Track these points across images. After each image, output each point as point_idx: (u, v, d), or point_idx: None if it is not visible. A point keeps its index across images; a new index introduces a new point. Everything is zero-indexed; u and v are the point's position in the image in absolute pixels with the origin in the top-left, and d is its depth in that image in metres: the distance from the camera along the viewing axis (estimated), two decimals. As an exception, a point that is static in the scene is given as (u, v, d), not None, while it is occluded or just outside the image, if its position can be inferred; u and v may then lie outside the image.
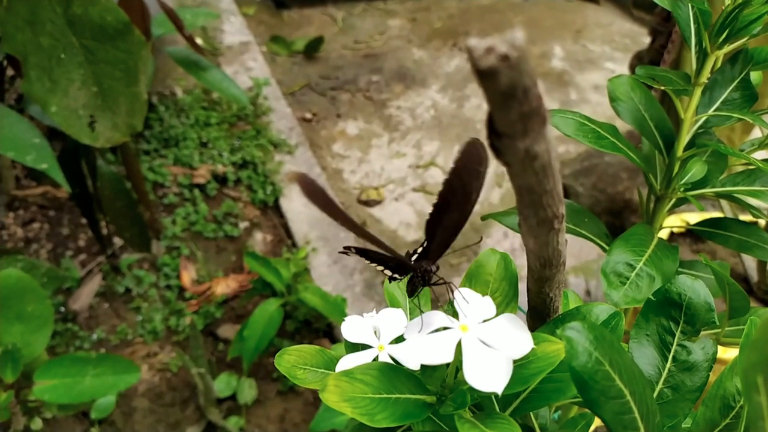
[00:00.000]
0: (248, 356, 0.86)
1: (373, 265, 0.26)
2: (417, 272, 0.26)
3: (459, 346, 0.22)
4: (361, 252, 0.26)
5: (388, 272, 0.26)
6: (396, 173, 1.30)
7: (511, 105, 0.13)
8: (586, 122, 0.39)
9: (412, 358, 0.24)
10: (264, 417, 0.89)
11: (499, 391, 0.20)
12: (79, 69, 0.68)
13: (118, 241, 1.06)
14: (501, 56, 0.12)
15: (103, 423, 0.88)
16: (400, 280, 0.27)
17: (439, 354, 0.21)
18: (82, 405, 0.84)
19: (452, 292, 0.25)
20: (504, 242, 1.13)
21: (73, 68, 0.68)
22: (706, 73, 0.40)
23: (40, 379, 0.67)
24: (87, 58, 0.68)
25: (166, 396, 0.91)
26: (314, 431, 0.72)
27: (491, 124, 0.15)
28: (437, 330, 0.23)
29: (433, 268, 0.25)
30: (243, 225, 1.14)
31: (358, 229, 0.23)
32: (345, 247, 0.26)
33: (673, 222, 0.83)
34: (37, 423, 0.85)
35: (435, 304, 0.30)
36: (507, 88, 0.13)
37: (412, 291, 0.26)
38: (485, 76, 0.12)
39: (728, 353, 0.60)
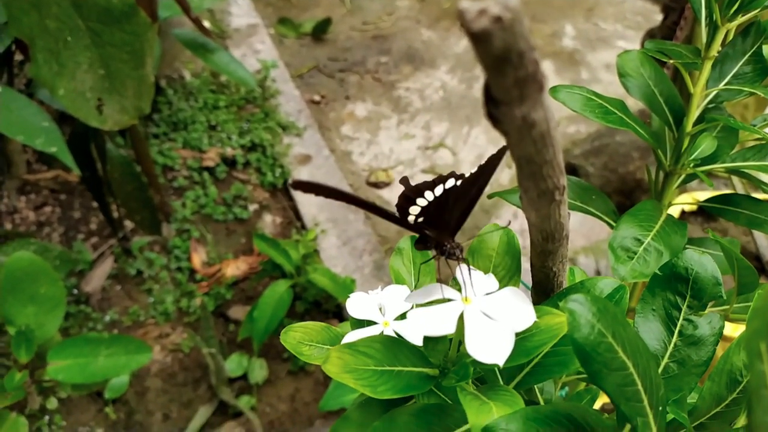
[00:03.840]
0: (258, 337, 0.87)
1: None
2: (438, 244, 0.26)
3: (461, 318, 0.22)
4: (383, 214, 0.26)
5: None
6: (405, 155, 1.29)
7: (506, 70, 0.13)
8: (594, 97, 0.38)
9: (415, 329, 0.24)
10: (275, 396, 0.91)
11: (501, 362, 0.20)
12: (85, 52, 0.68)
13: (129, 224, 1.06)
14: (494, 18, 0.12)
15: (117, 402, 0.89)
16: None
17: (441, 325, 0.21)
18: (96, 385, 0.85)
19: (460, 268, 0.25)
20: (514, 223, 1.13)
21: (80, 51, 0.68)
22: (716, 47, 0.39)
23: (53, 359, 0.68)
24: (93, 41, 0.68)
25: (178, 376, 0.93)
26: (324, 410, 0.73)
27: (488, 91, 0.15)
28: (440, 302, 0.23)
29: (458, 253, 0.25)
30: (252, 207, 1.15)
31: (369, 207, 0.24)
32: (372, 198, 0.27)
33: (683, 200, 0.82)
34: (53, 402, 0.87)
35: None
36: (501, 51, 0.12)
37: (421, 249, 0.26)
38: (478, 39, 0.12)
39: (738, 332, 0.59)
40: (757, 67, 0.40)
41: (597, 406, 0.38)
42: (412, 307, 0.27)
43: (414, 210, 0.28)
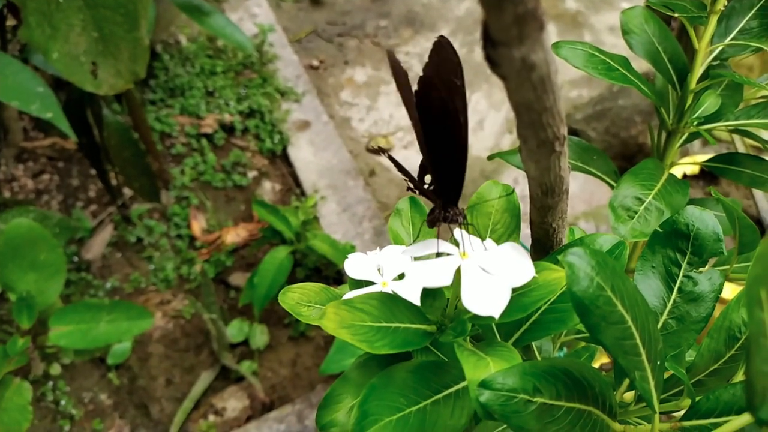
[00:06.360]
0: (259, 303, 0.87)
1: (400, 174, 0.27)
2: (440, 209, 0.25)
3: (459, 272, 0.21)
4: (393, 159, 0.26)
5: (409, 184, 0.26)
6: (405, 121, 1.28)
7: (505, 5, 0.13)
8: (596, 53, 0.37)
9: (413, 281, 0.24)
10: (276, 361, 0.91)
11: (497, 315, 0.20)
12: (78, 14, 0.67)
13: (128, 191, 1.06)
14: (491, -54, 0.11)
15: (120, 368, 0.90)
16: (416, 193, 0.27)
17: (439, 277, 0.21)
18: (98, 350, 0.86)
19: (460, 231, 0.24)
20: (515, 189, 1.13)
21: (73, 13, 0.66)
22: (722, 0, 0.38)
23: (55, 325, 0.68)
24: (86, 2, 0.66)
25: (180, 342, 0.93)
26: (324, 374, 0.74)
27: (486, 31, 0.14)
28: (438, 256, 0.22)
29: (461, 219, 0.25)
30: (251, 174, 1.14)
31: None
32: (379, 149, 0.26)
33: (685, 162, 0.82)
34: (56, 368, 0.88)
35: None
36: (499, -17, 0.12)
37: (431, 222, 0.26)
38: (475, -30, 0.12)
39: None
40: (764, 22, 0.39)
41: (595, 366, 0.38)
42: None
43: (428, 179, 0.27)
